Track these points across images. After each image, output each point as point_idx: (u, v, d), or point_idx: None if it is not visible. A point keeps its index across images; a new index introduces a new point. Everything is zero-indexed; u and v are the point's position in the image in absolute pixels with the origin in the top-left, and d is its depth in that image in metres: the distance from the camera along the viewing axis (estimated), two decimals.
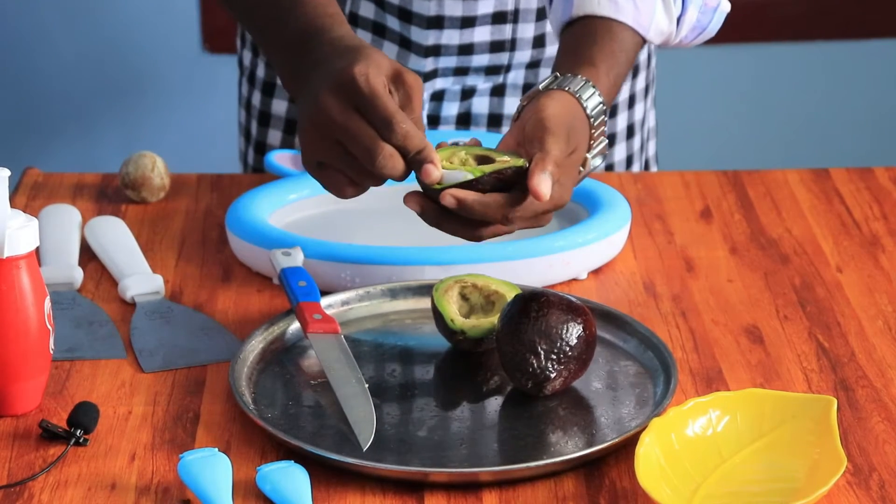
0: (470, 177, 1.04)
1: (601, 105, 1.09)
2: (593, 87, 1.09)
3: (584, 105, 1.09)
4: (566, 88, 1.09)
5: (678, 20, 1.18)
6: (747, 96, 2.28)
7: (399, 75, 1.05)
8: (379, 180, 1.05)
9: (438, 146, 1.07)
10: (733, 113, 2.25)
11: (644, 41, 1.16)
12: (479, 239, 1.07)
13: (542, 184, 1.03)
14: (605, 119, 1.10)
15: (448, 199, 1.03)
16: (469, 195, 1.04)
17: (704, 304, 1.20)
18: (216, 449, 0.98)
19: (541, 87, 1.10)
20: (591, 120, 1.09)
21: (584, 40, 1.13)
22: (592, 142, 1.10)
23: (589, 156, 1.10)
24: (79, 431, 1.01)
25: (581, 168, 1.09)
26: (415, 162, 1.03)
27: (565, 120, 1.07)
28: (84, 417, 1.01)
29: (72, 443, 1.00)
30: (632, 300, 1.20)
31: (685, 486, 0.97)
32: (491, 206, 1.04)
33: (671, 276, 1.24)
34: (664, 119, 1.57)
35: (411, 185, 1.07)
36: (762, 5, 1.25)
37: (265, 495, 0.96)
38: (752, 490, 0.97)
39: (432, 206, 1.05)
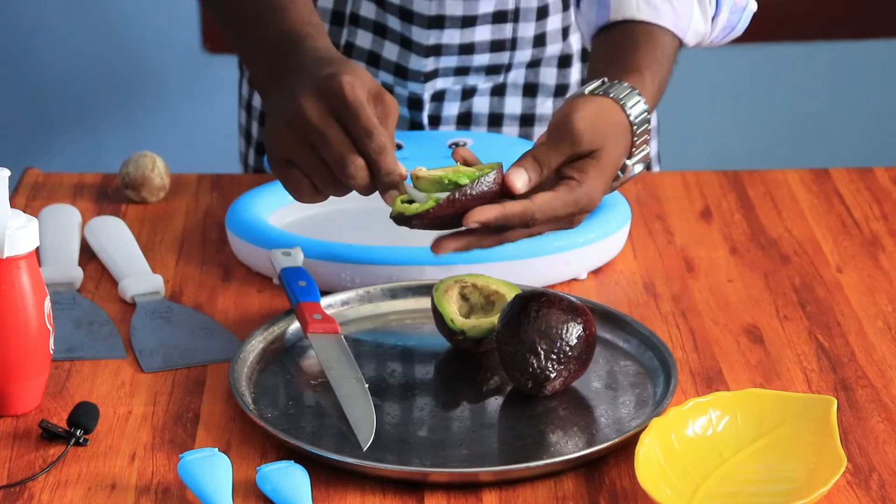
0: (423, 198, 1.03)
1: (645, 112, 1.09)
2: (639, 94, 1.09)
3: (628, 112, 1.09)
4: (611, 95, 1.09)
5: (713, 20, 1.18)
6: (747, 96, 2.28)
7: (380, 94, 1.06)
8: (343, 190, 1.05)
9: (415, 170, 1.06)
10: (734, 113, 2.25)
11: (681, 44, 1.16)
12: (510, 241, 1.07)
13: (514, 176, 1.04)
14: (649, 127, 1.10)
15: (472, 223, 1.03)
16: (490, 213, 1.03)
17: (704, 304, 1.20)
18: (216, 449, 0.98)
19: (586, 91, 1.10)
20: (635, 127, 1.09)
21: (626, 46, 1.13)
22: (634, 148, 1.10)
23: (629, 162, 1.10)
24: (79, 431, 1.01)
25: (620, 173, 1.10)
26: (381, 182, 1.03)
27: (591, 124, 1.07)
28: (84, 417, 1.01)
29: (72, 443, 1.00)
30: (632, 300, 1.20)
31: (685, 486, 0.97)
32: (509, 216, 1.04)
33: (671, 276, 1.24)
34: (665, 119, 1.57)
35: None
36: (762, 5, 1.25)
37: (265, 495, 0.96)
38: (752, 490, 0.98)
39: (465, 236, 1.04)
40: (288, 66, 1.08)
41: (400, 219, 1.04)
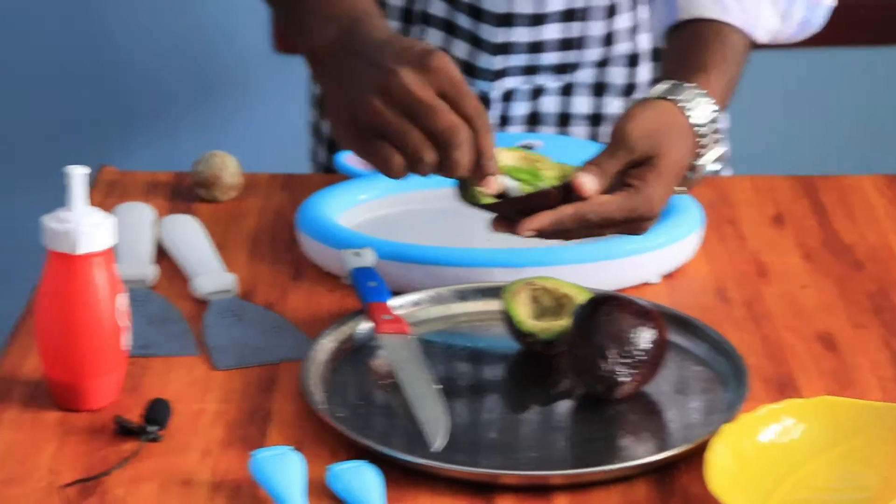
0: (514, 186, 1.04)
1: (713, 112, 1.09)
2: (705, 94, 1.09)
3: (689, 114, 1.08)
4: (671, 98, 1.09)
5: (786, 16, 1.17)
6: (821, 100, 2.26)
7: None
8: (431, 169, 1.04)
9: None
10: (807, 117, 2.23)
11: (752, 41, 1.16)
12: (573, 239, 1.08)
13: (582, 179, 1.05)
14: (717, 126, 1.10)
15: (527, 230, 1.04)
16: (545, 219, 1.04)
17: (777, 310, 1.19)
18: (288, 447, 0.98)
19: (649, 95, 1.10)
20: (697, 129, 1.09)
21: (693, 45, 1.13)
22: (701, 149, 1.09)
23: (699, 162, 1.10)
24: (153, 427, 1.02)
25: (691, 174, 1.09)
26: (482, 165, 1.03)
27: (645, 130, 1.07)
28: (158, 414, 1.03)
29: (146, 439, 1.02)
30: (703, 305, 1.20)
31: (757, 494, 0.96)
32: (564, 219, 1.04)
33: (743, 281, 1.23)
34: (737, 122, 1.56)
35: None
36: (837, 9, 1.25)
37: (336, 495, 0.97)
38: (824, 498, 0.97)
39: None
40: (360, 36, 1.06)
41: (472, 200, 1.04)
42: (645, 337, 1.05)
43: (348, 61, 1.06)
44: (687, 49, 1.14)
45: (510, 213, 1.06)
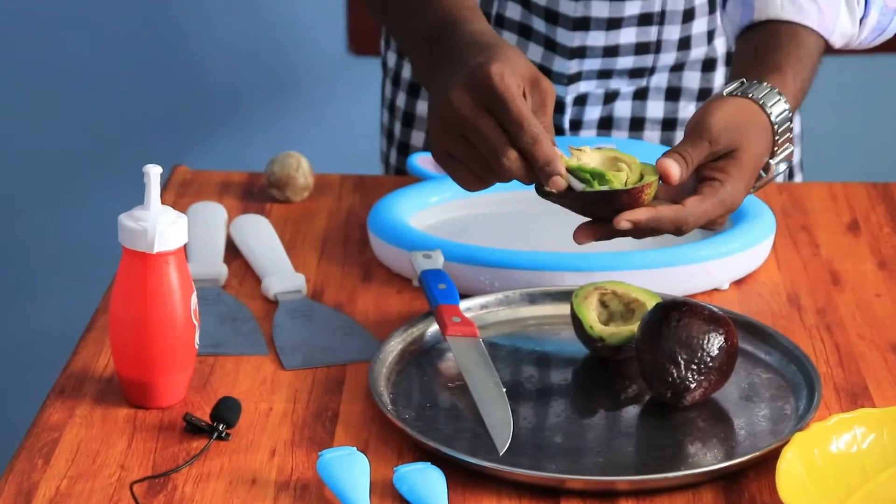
0: (580, 187, 1.04)
1: (787, 112, 1.09)
2: (779, 93, 1.09)
3: (769, 111, 1.08)
4: (750, 95, 1.08)
5: (861, 22, 1.16)
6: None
7: (536, 80, 1.06)
8: (505, 178, 1.05)
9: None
10: (883, 122, 2.20)
11: (827, 44, 1.15)
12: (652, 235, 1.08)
13: (668, 164, 1.04)
14: (791, 126, 1.09)
15: (624, 223, 1.04)
16: (642, 215, 1.03)
17: (850, 319, 1.18)
18: (354, 448, 0.99)
19: (724, 92, 1.09)
20: (776, 126, 1.08)
21: (768, 45, 1.12)
22: (777, 148, 1.09)
23: (773, 161, 1.09)
24: (221, 426, 1.03)
25: (764, 173, 1.09)
26: (541, 172, 1.04)
27: (727, 123, 1.06)
28: (226, 412, 1.03)
29: (214, 437, 1.02)
30: (775, 312, 1.19)
31: (827, 503, 0.96)
32: (662, 220, 1.04)
33: (816, 289, 1.22)
34: (810, 127, 1.55)
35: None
36: None
37: (402, 496, 0.97)
38: None
39: (605, 230, 1.06)
40: (443, 53, 1.08)
41: (547, 193, 1.04)
42: (715, 343, 1.04)
43: (432, 83, 1.08)
44: (762, 49, 1.13)
45: (591, 210, 1.06)
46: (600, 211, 1.05)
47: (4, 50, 2.05)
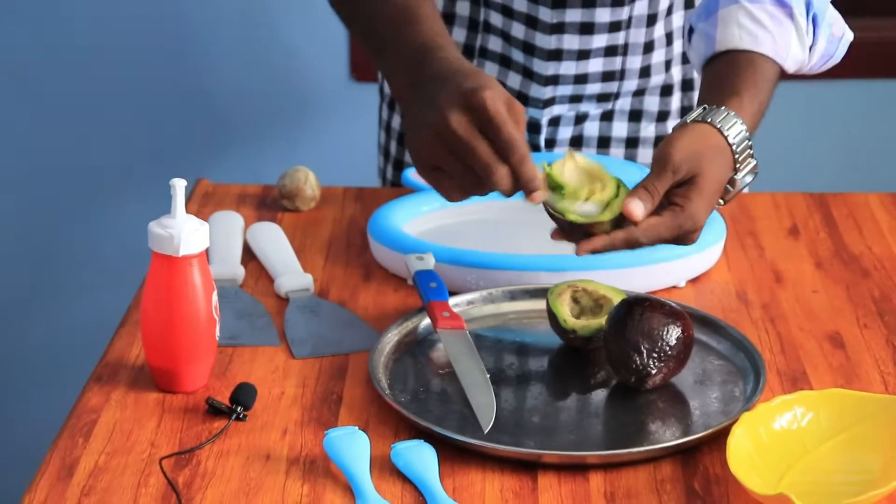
0: (594, 212, 1.04)
1: (744, 132, 1.08)
2: (736, 116, 1.08)
3: (726, 134, 1.08)
4: (708, 120, 1.08)
5: (810, 49, 1.16)
6: (833, 126, 2.23)
7: (510, 102, 1.06)
8: (486, 192, 1.06)
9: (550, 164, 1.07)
10: (820, 140, 2.21)
11: (782, 70, 1.15)
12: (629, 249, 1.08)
13: (632, 206, 1.04)
14: (750, 143, 1.09)
15: (583, 252, 1.04)
16: (598, 244, 1.04)
17: (791, 312, 1.18)
18: (356, 427, 0.99)
19: (688, 119, 1.09)
20: (734, 147, 1.08)
21: (727, 72, 1.12)
22: (738, 165, 1.09)
23: (738, 177, 1.09)
24: (239, 408, 1.03)
25: (730, 187, 1.09)
26: (525, 188, 1.04)
27: (687, 152, 1.06)
28: (244, 396, 1.04)
29: (233, 418, 1.03)
30: (725, 307, 1.19)
31: (772, 474, 0.96)
32: (616, 243, 1.04)
33: (761, 286, 1.22)
34: (756, 143, 1.55)
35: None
36: (853, 45, 1.24)
37: (398, 469, 0.97)
38: (832, 480, 0.96)
39: (574, 239, 1.06)
40: (425, 76, 1.07)
41: (549, 211, 1.05)
42: (673, 335, 1.04)
43: (414, 102, 1.07)
44: (722, 76, 1.13)
45: (567, 226, 1.06)
46: (569, 228, 1.06)
47: (46, 76, 2.05)
